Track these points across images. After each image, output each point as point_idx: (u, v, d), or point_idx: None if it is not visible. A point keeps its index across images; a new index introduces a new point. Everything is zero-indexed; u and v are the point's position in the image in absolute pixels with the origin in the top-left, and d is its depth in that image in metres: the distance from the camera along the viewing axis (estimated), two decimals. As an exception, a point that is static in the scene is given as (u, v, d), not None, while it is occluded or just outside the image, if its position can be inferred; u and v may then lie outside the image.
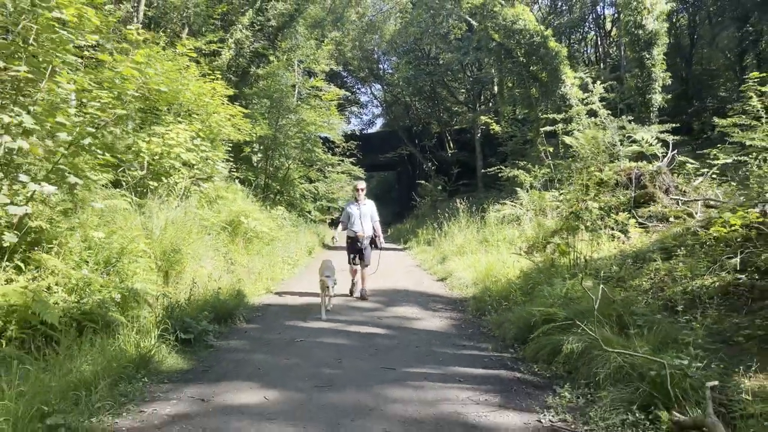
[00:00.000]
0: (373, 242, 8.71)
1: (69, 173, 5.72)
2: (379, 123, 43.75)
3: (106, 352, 4.66)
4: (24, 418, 3.24)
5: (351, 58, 28.18)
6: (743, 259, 5.02)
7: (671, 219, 7.87)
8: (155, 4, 16.16)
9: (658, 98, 13.46)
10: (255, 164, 17.23)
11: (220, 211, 10.95)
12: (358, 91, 37.40)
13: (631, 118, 12.90)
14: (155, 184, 9.55)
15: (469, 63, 26.24)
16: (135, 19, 13.36)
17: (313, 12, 20.75)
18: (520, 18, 14.85)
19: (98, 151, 5.86)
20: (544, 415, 3.73)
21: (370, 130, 40.92)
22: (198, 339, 5.59)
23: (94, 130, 5.55)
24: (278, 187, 19.31)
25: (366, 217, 8.61)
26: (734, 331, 4.20)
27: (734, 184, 9.00)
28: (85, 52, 5.78)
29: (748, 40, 18.09)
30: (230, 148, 12.84)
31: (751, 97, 8.76)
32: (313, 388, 4.28)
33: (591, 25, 27.19)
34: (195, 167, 10.65)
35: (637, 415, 3.45)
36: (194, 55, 11.67)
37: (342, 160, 22.97)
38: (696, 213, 7.67)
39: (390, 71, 32.89)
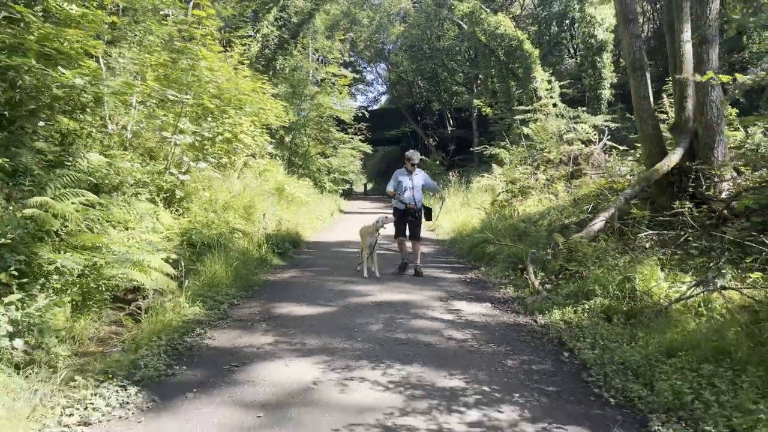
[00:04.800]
0: (427, 213, 8.60)
1: (208, 156, 10.10)
2: (384, 99, 47.91)
3: (243, 257, 9.03)
4: (235, 270, 7.60)
5: (359, 45, 32.23)
6: (594, 206, 9.36)
7: (583, 186, 12.18)
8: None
9: (606, 93, 17.63)
10: (286, 143, 21.47)
11: (268, 180, 15.29)
12: (364, 69, 41.49)
13: (585, 108, 17.13)
14: (226, 159, 13.89)
15: (466, 49, 30.29)
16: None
17: (332, 13, 24.81)
18: (502, 24, 18.93)
19: (222, 143, 10.21)
20: (468, 275, 8.17)
21: (374, 107, 45.02)
22: (284, 253, 10.01)
23: (227, 129, 9.92)
24: (299, 162, 23.59)
25: (418, 188, 8.45)
26: (577, 240, 8.57)
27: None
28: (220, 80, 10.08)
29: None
30: (267, 131, 17.08)
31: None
32: (355, 270, 8.68)
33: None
34: (250, 147, 14.96)
35: (510, 272, 7.85)
36: (246, 60, 15.81)
37: (352, 138, 27.10)
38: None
39: (395, 52, 36.96)
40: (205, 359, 4.52)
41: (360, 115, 25.55)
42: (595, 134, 14.80)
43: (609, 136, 15.28)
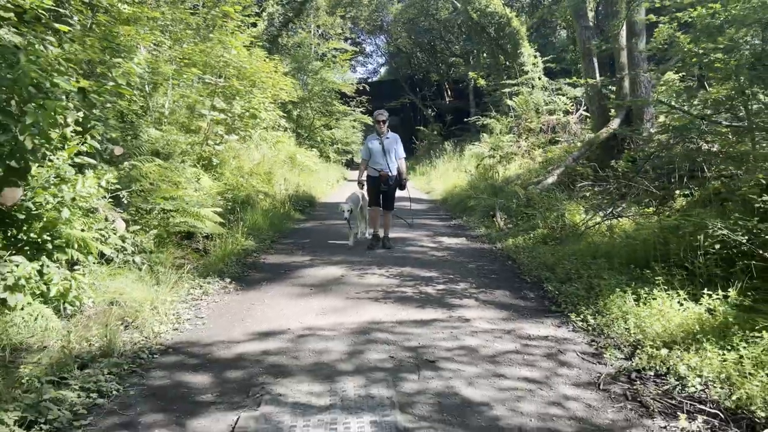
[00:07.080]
0: (399, 182, 8.00)
1: (238, 129, 12.39)
2: (383, 71, 49.77)
3: (272, 210, 11.37)
4: (270, 219, 9.94)
5: (360, 23, 34.18)
6: (558, 166, 11.64)
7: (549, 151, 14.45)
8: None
9: (586, 66, 19.71)
10: (293, 117, 23.67)
11: (281, 151, 17.56)
12: (363, 41, 43.35)
13: (567, 81, 19.26)
14: (245, 132, 16.16)
15: (462, 22, 32.20)
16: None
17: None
18: (491, 3, 20.94)
19: (251, 117, 12.51)
20: (453, 221, 10.53)
21: (374, 78, 46.95)
22: (303, 210, 12.36)
23: (253, 107, 12.20)
24: (305, 134, 25.80)
25: (390, 152, 7.83)
26: (532, 191, 10.89)
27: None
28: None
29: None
30: (279, 106, 19.29)
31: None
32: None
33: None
34: (265, 121, 17.21)
35: (484, 219, 10.19)
36: (258, 42, 17.91)
37: (353, 110, 29.20)
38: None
39: (394, 26, 38.84)
40: (266, 268, 6.90)
41: (361, 88, 27.63)
42: (573, 105, 16.99)
43: (585, 107, 17.45)
